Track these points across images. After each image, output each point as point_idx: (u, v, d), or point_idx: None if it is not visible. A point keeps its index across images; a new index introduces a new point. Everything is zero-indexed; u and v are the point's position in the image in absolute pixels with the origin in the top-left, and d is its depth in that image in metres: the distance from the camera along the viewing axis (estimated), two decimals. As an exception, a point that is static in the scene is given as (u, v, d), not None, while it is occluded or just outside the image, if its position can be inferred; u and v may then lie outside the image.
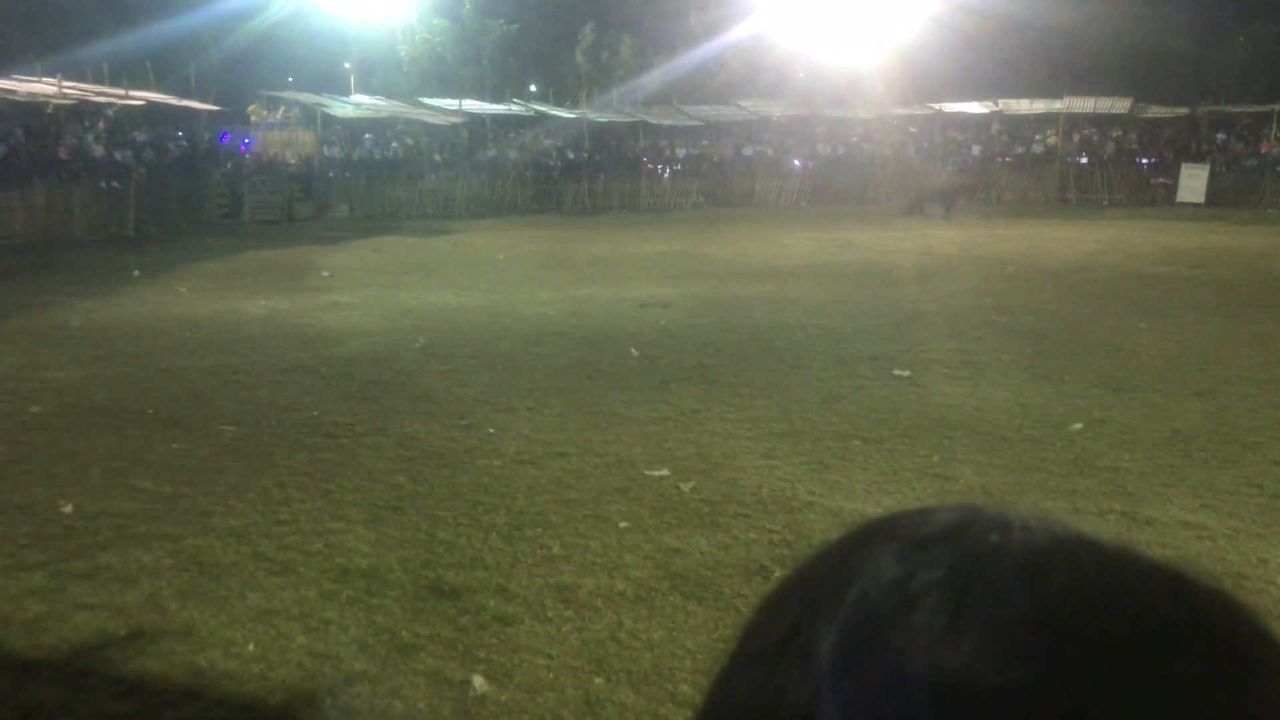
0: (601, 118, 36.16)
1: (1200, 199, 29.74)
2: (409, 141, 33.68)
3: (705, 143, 37.18)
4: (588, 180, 32.63)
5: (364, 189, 29.89)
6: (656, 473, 6.23)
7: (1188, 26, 41.11)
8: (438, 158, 32.89)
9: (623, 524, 5.37)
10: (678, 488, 5.96)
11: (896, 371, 9.07)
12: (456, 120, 33.06)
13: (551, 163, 34.11)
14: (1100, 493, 5.94)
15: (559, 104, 37.33)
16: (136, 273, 16.34)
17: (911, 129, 35.84)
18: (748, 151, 35.91)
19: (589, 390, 8.43)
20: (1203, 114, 33.64)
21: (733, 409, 7.81)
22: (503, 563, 4.89)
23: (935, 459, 6.56)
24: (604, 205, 32.07)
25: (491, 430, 7.18)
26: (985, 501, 0.52)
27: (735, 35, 37.38)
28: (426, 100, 34.03)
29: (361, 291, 14.46)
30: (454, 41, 40.17)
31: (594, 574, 4.76)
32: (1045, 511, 0.46)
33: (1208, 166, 30.59)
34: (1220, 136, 33.20)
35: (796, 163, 35.29)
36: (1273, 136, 32.08)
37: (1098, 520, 5.48)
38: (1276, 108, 31.95)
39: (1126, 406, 7.92)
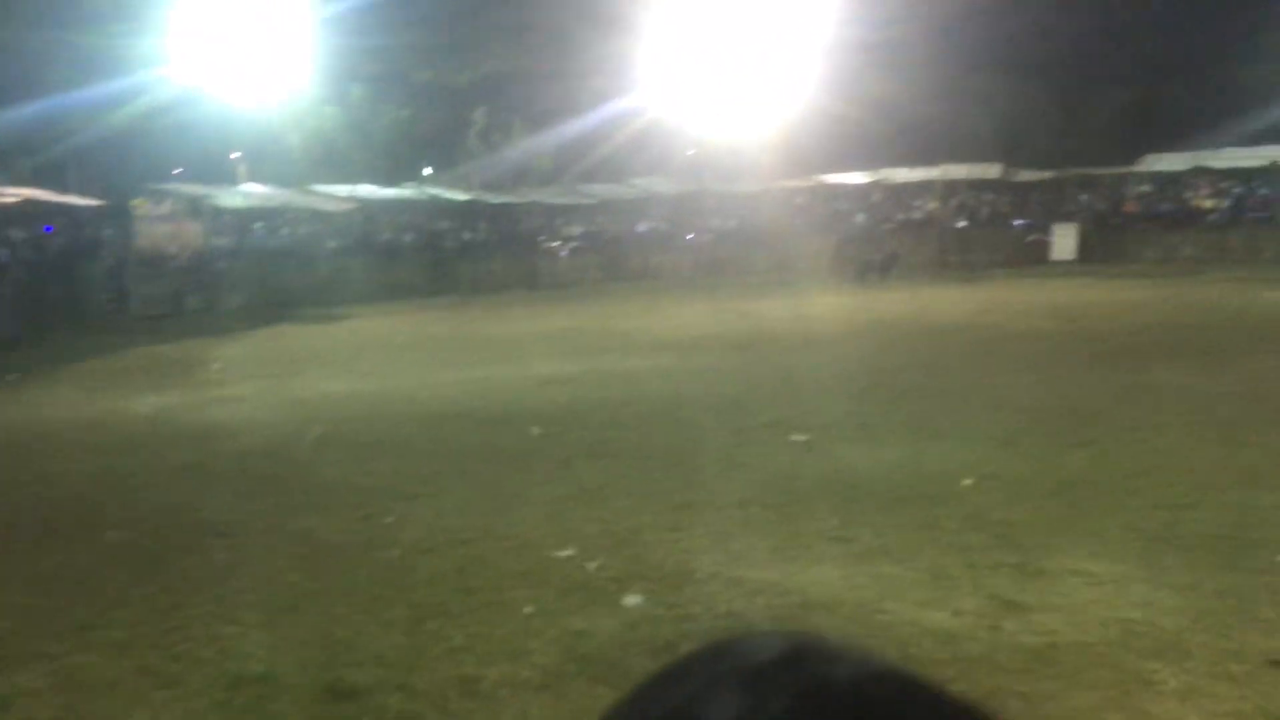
0: (496, 199, 36.37)
1: (1072, 256, 31.21)
2: (301, 229, 33.32)
3: (600, 219, 37.69)
4: (485, 260, 32.63)
5: (255, 278, 29.31)
6: (561, 553, 6.15)
7: (1050, 95, 43.64)
8: (331, 244, 32.54)
9: (527, 609, 5.27)
10: (583, 567, 5.89)
11: (795, 437, 9.17)
12: (349, 206, 32.85)
13: (448, 244, 34.07)
14: (993, 546, 6.07)
15: (453, 186, 37.46)
16: (15, 376, 15.64)
17: (797, 200, 36.89)
18: (642, 227, 36.47)
19: (491, 472, 8.31)
20: (1068, 176, 35.45)
21: (637, 483, 7.79)
22: (404, 658, 4.74)
23: (835, 522, 6.63)
24: (502, 284, 32.05)
25: (390, 520, 7.01)
26: (810, 630, 0.53)
27: (623, 114, 38.25)
28: (318, 187, 33.76)
29: (254, 383, 14.09)
30: (345, 128, 40.11)
31: (498, 663, 4.65)
32: (866, 644, 0.48)
33: (1077, 225, 32.17)
34: (1084, 197, 35.00)
35: (690, 236, 35.93)
36: (1132, 197, 34.00)
37: (992, 573, 5.59)
38: (1133, 169, 33.91)
39: (1014, 459, 8.15)
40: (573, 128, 39.33)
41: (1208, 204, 32.35)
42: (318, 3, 35.05)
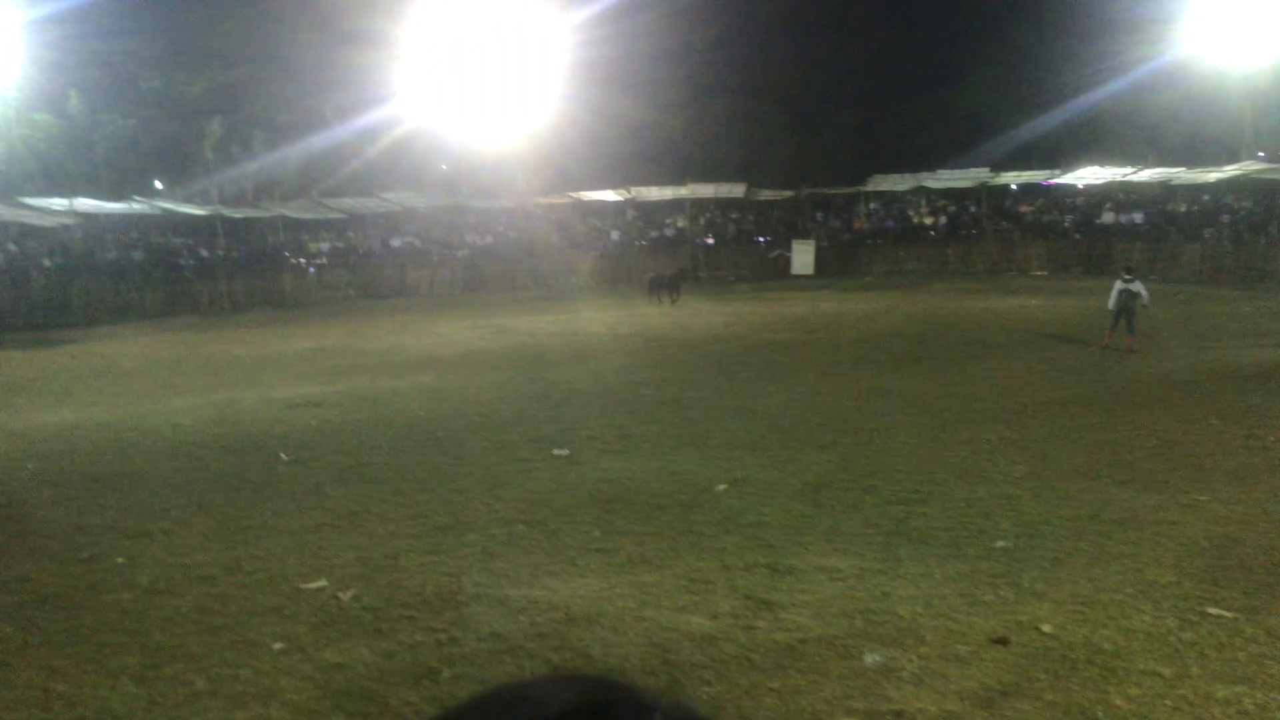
0: (236, 214, 34.47)
1: (810, 270, 33.19)
2: (12, 246, 30.23)
3: (350, 234, 36.48)
4: (226, 278, 30.83)
5: (-43, 301, 26.31)
6: (313, 585, 5.86)
7: (787, 118, 46.33)
8: (47, 262, 29.72)
9: (277, 645, 4.98)
10: (337, 598, 5.64)
11: (556, 451, 9.22)
12: (69, 221, 30.13)
13: (183, 262, 31.93)
14: (746, 548, 6.32)
15: (189, 201, 35.16)
16: None
17: (554, 216, 37.22)
18: (396, 242, 35.62)
19: (235, 503, 7.83)
20: (805, 195, 37.71)
21: (394, 507, 7.56)
22: (136, 709, 4.36)
23: (597, 534, 6.70)
24: (245, 303, 30.38)
25: (120, 560, 6.45)
26: (599, 676, 0.51)
27: (374, 127, 37.19)
28: (29, 200, 30.75)
29: (-45, 417, 12.62)
30: (61, 138, 36.73)
31: (246, 706, 4.36)
32: (651, 685, 0.46)
33: (814, 241, 34.25)
34: (820, 215, 37.36)
35: (446, 252, 35.44)
36: (862, 214, 36.62)
37: (745, 574, 5.82)
38: (862, 189, 36.54)
39: (764, 464, 8.54)
40: (320, 140, 37.88)
41: (928, 221, 35.29)
42: (25, 3, 31.95)
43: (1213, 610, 5.11)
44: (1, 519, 7.64)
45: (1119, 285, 14.90)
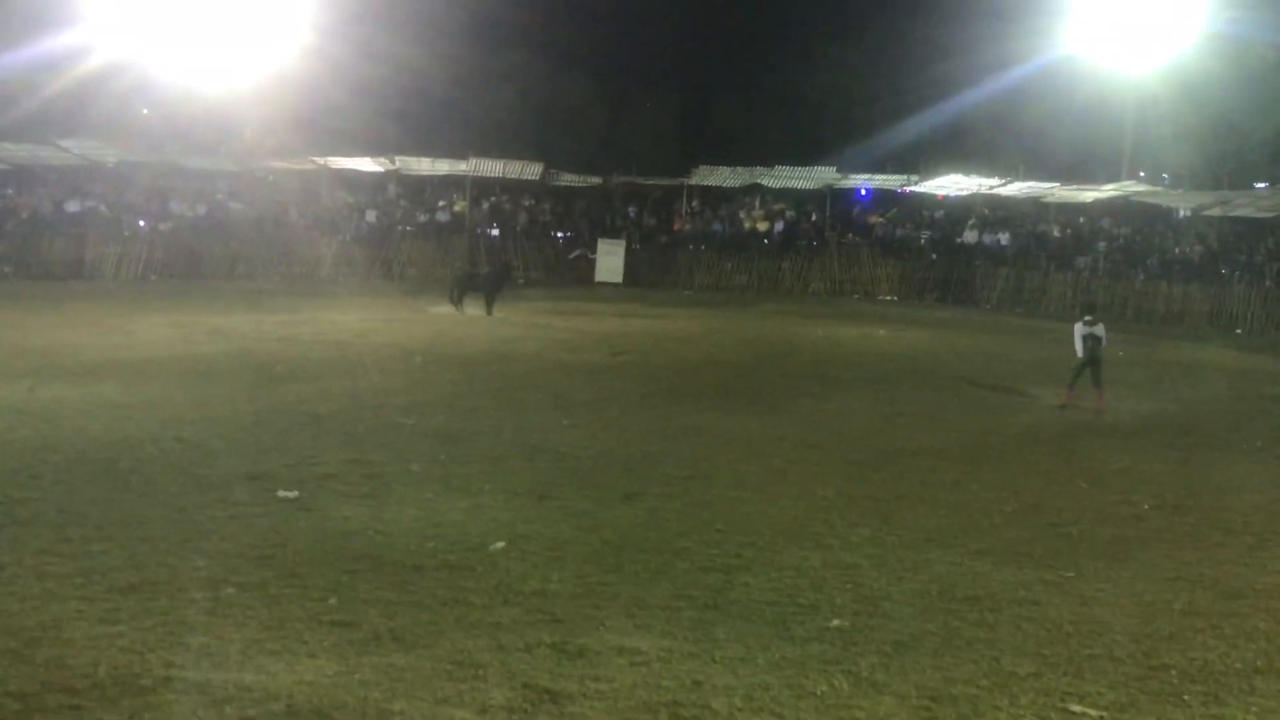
0: None
1: (618, 278, 33.69)
2: None
3: (11, 192, 34.35)
4: None
5: None
6: (-63, 662, 5.44)
7: (596, 90, 47.02)
8: None
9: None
10: (-30, 681, 5.25)
11: (282, 493, 8.97)
12: None
13: None
14: (527, 622, 6.32)
15: None
16: None
17: (291, 187, 36.26)
18: (73, 207, 33.78)
19: None
20: (615, 184, 38.30)
21: (57, 559, 7.15)
22: None
23: (333, 601, 6.55)
24: None
25: None
26: None
27: (55, 50, 35.12)
28: None
29: None
30: None
31: None
32: None
33: (624, 242, 34.80)
34: (632, 210, 38.01)
35: (142, 223, 33.87)
36: (683, 213, 37.52)
37: (525, 656, 5.81)
38: (686, 182, 37.43)
39: (553, 517, 8.57)
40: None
41: (761, 226, 36.52)
42: None
43: (1076, 708, 5.48)
44: None
45: (1080, 329, 15.05)
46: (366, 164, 36.53)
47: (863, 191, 39.88)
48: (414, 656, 5.79)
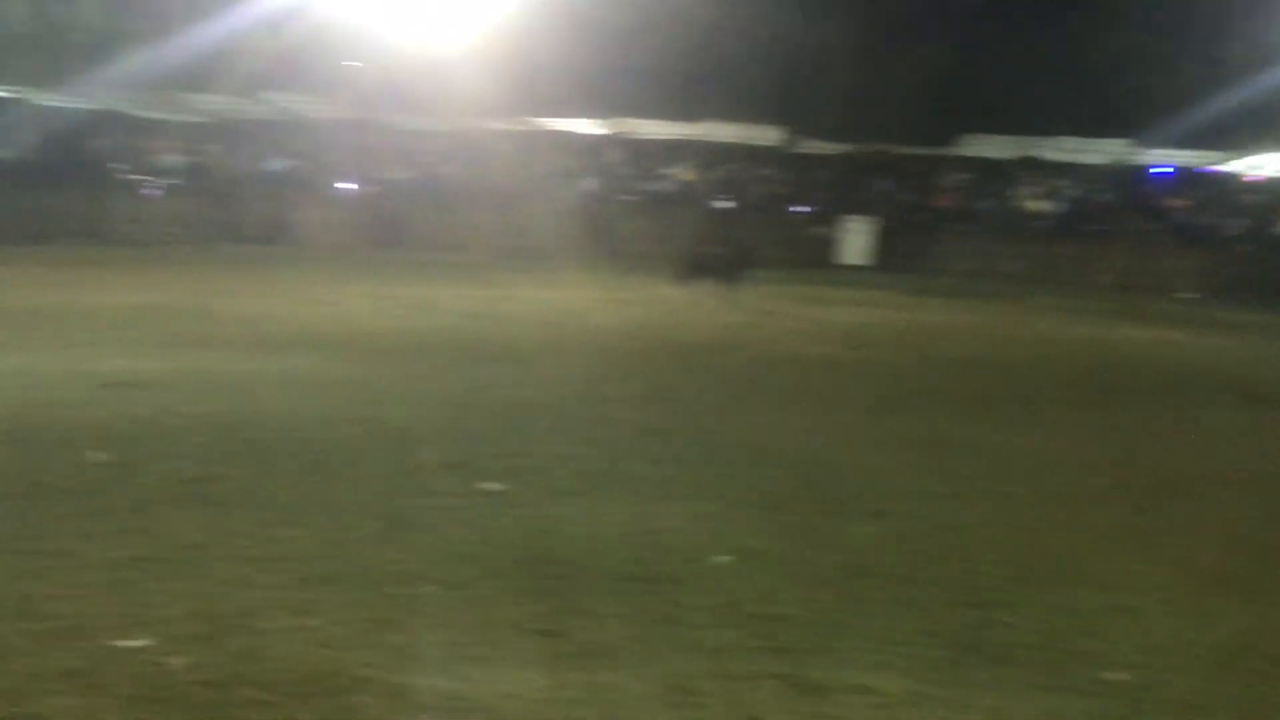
0: (53, 101, 34.27)
1: (866, 260, 33.36)
2: None
3: (212, 148, 36.35)
4: (25, 192, 30.64)
5: None
6: (131, 643, 5.83)
7: (847, 46, 46.44)
8: None
9: (75, 727, 4.96)
10: (163, 665, 5.61)
11: (486, 485, 9.20)
12: None
13: (-36, 163, 31.72)
14: (752, 648, 6.32)
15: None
16: None
17: (504, 149, 37.16)
18: (276, 166, 35.59)
19: (22, 517, 7.78)
20: (865, 154, 37.87)
21: (250, 543, 7.53)
22: None
23: (540, 608, 6.69)
24: (52, 231, 30.14)
25: None
26: None
27: (263, 4, 36.99)
28: None
29: None
30: None
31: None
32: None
33: (873, 221, 34.43)
34: (884, 183, 37.51)
35: (350, 186, 35.35)
36: (946, 188, 36.81)
37: (750, 686, 5.83)
38: (948, 152, 36.68)
39: (784, 532, 8.55)
40: (184, 11, 37.66)
41: (1039, 206, 35.50)
42: None
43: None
44: None
45: None
46: (587, 125, 37.14)
47: (1163, 169, 38.30)
48: (626, 676, 5.87)
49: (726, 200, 36.14)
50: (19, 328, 15.97)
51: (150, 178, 33.96)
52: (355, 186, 35.11)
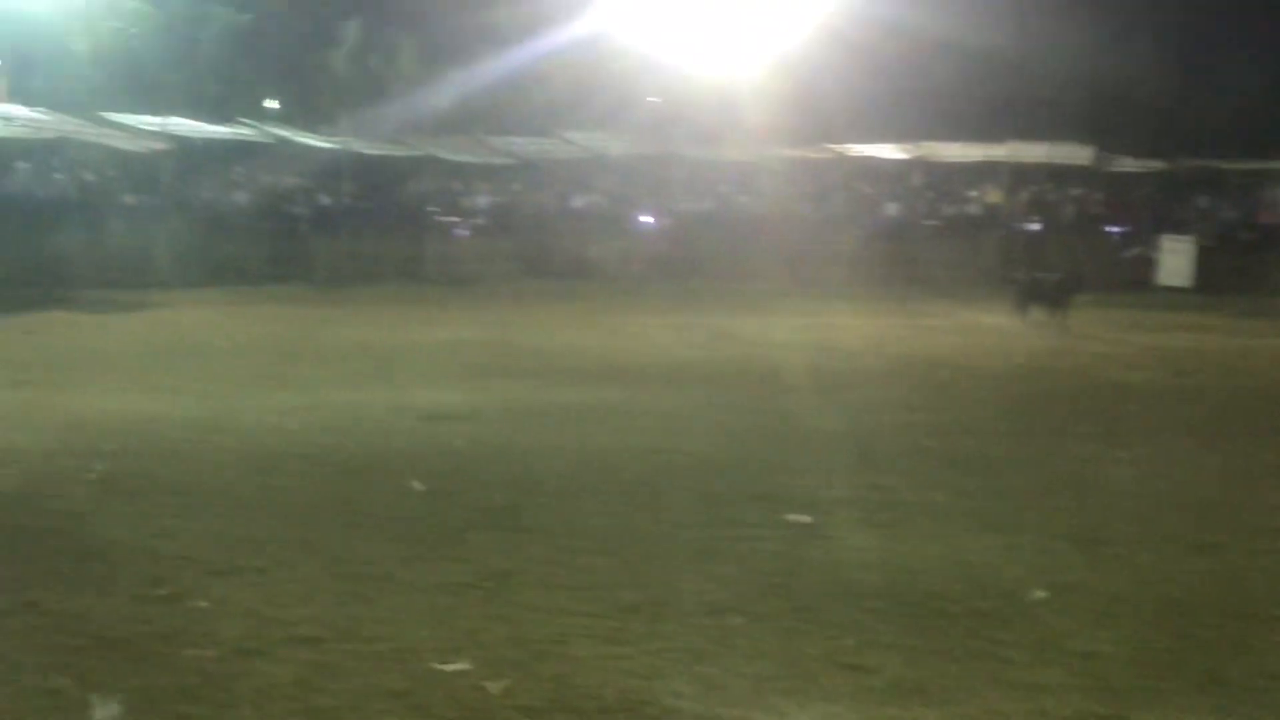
0: (372, 149, 36.24)
1: (1186, 282, 31.81)
2: (86, 175, 32.77)
3: (518, 188, 37.61)
4: (350, 236, 32.47)
5: (14, 241, 28.82)
6: (451, 667, 6.05)
7: (1164, 58, 44.56)
8: (129, 199, 32.11)
9: (401, 746, 5.18)
10: (482, 689, 5.80)
11: (792, 516, 9.16)
12: (160, 146, 32.48)
13: (298, 210, 33.82)
14: (1074, 687, 6.08)
15: (310, 128, 37.20)
16: None
17: (804, 177, 37.13)
18: (578, 202, 36.54)
19: (350, 543, 8.21)
20: (1183, 169, 36.17)
21: (561, 570, 7.72)
22: (215, 811, 4.63)
23: (849, 642, 6.61)
24: (374, 272, 31.86)
25: (204, 604, 6.88)
26: None
27: (562, 42, 38.22)
28: (114, 116, 33.34)
29: (6, 394, 13.86)
30: (158, 35, 39.65)
31: (356, 825, 4.55)
32: None
33: (1193, 240, 32.82)
34: (1205, 200, 35.74)
35: (646, 219, 36.01)
36: (1274, 202, 34.76)
37: (1073, 728, 5.61)
38: (1273, 165, 34.63)
39: (1104, 566, 8.21)
40: (488, 56, 39.29)
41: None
42: None
43: None
44: (60, 533, 8.27)
45: None
46: (888, 151, 36.77)
47: None
48: (941, 713, 5.73)
49: (1034, 222, 35.16)
50: (349, 363, 17.05)
51: (460, 219, 35.42)
52: (654, 219, 35.72)
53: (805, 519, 9.12)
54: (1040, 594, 7.54)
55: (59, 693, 5.65)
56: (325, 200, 34.73)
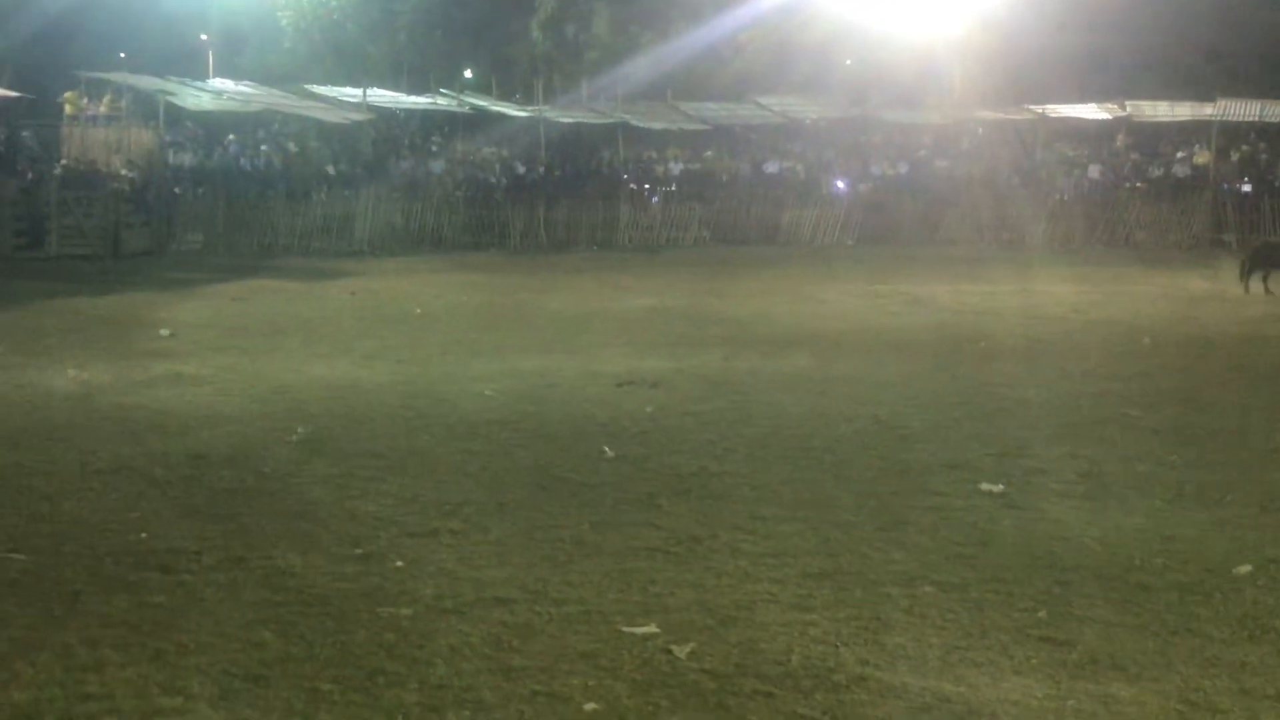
0: (567, 118, 36.65)
1: None
2: (292, 147, 33.93)
3: (711, 155, 37.64)
4: (545, 205, 32.96)
5: (225, 213, 30.04)
6: (639, 629, 6.17)
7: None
8: (332, 169, 33.14)
9: (589, 705, 5.29)
10: (670, 652, 5.90)
11: (985, 486, 9.07)
12: (360, 117, 33.42)
13: (494, 180, 34.46)
14: (1278, 666, 5.91)
15: (506, 98, 37.81)
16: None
17: (1004, 139, 36.35)
18: (771, 168, 36.40)
19: (542, 507, 8.40)
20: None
21: (749, 537, 7.77)
22: (413, 762, 4.81)
23: (1042, 614, 6.53)
24: (568, 240, 32.34)
25: (400, 564, 7.12)
26: None
27: (759, 8, 37.98)
28: (318, 89, 34.42)
29: (216, 360, 14.44)
30: (358, 7, 40.79)
31: (546, 781, 4.68)
32: None
33: None
34: None
35: (841, 184, 35.73)
36: None
37: (1275, 708, 5.44)
38: None
39: (1314, 541, 7.93)
40: (684, 24, 39.33)
41: None
42: None
43: None
44: (264, 494, 8.67)
45: None
46: (1091, 111, 35.77)
47: None
48: (1137, 689, 5.62)
49: (1246, 183, 33.80)
50: (543, 330, 17.32)
51: (654, 185, 35.63)
52: (848, 185, 35.40)
53: (998, 488, 9.01)
54: (1245, 569, 7.32)
55: (264, 644, 5.93)
56: (521, 170, 35.30)
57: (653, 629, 6.18)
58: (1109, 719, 5.32)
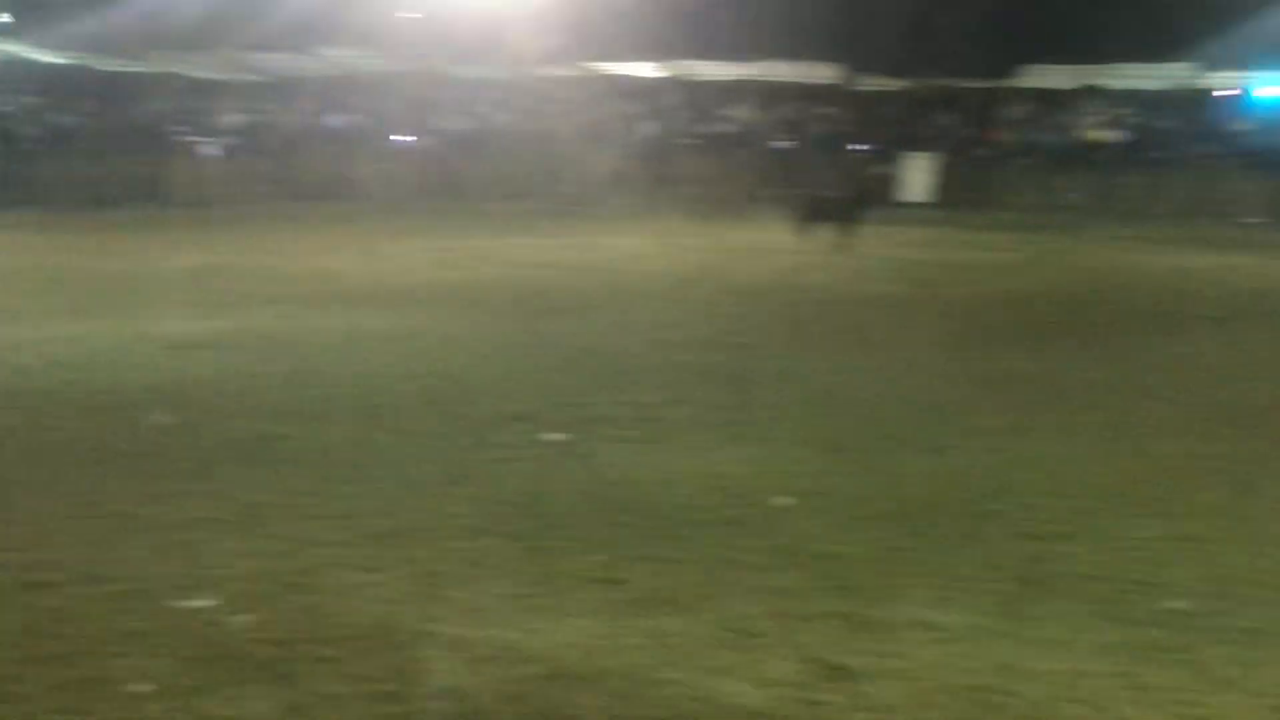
0: (110, 66, 34.55)
1: (927, 197, 33.00)
2: None
3: (271, 107, 36.52)
4: (88, 158, 30.99)
5: None
6: (194, 603, 5.93)
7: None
8: None
9: (139, 687, 5.03)
10: (227, 624, 5.71)
11: (548, 436, 9.25)
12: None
13: (26, 131, 32.10)
14: (815, 589, 6.31)
15: (39, 42, 35.20)
16: None
17: (562, 96, 36.99)
18: (335, 121, 35.69)
19: (86, 480, 7.95)
20: (924, 89, 37.35)
21: (313, 501, 7.63)
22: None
23: (601, 557, 6.72)
24: (115, 196, 30.42)
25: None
26: None
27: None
28: None
29: None
30: None
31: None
32: None
33: (935, 156, 34.02)
34: (943, 118, 37.03)
35: (406, 138, 35.44)
36: (1005, 121, 36.27)
37: (811, 626, 5.82)
38: (1007, 84, 36.11)
39: (847, 471, 8.54)
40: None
41: (1099, 136, 34.93)
42: None
43: None
44: None
45: None
46: (645, 69, 36.90)
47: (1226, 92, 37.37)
48: (687, 620, 5.88)
49: (787, 140, 35.88)
50: (81, 295, 16.19)
51: (209, 138, 34.18)
52: (413, 139, 35.21)
53: (560, 438, 9.21)
54: (786, 500, 7.79)
55: None
56: (60, 119, 33.03)
57: (209, 602, 5.94)
58: (659, 650, 5.52)
